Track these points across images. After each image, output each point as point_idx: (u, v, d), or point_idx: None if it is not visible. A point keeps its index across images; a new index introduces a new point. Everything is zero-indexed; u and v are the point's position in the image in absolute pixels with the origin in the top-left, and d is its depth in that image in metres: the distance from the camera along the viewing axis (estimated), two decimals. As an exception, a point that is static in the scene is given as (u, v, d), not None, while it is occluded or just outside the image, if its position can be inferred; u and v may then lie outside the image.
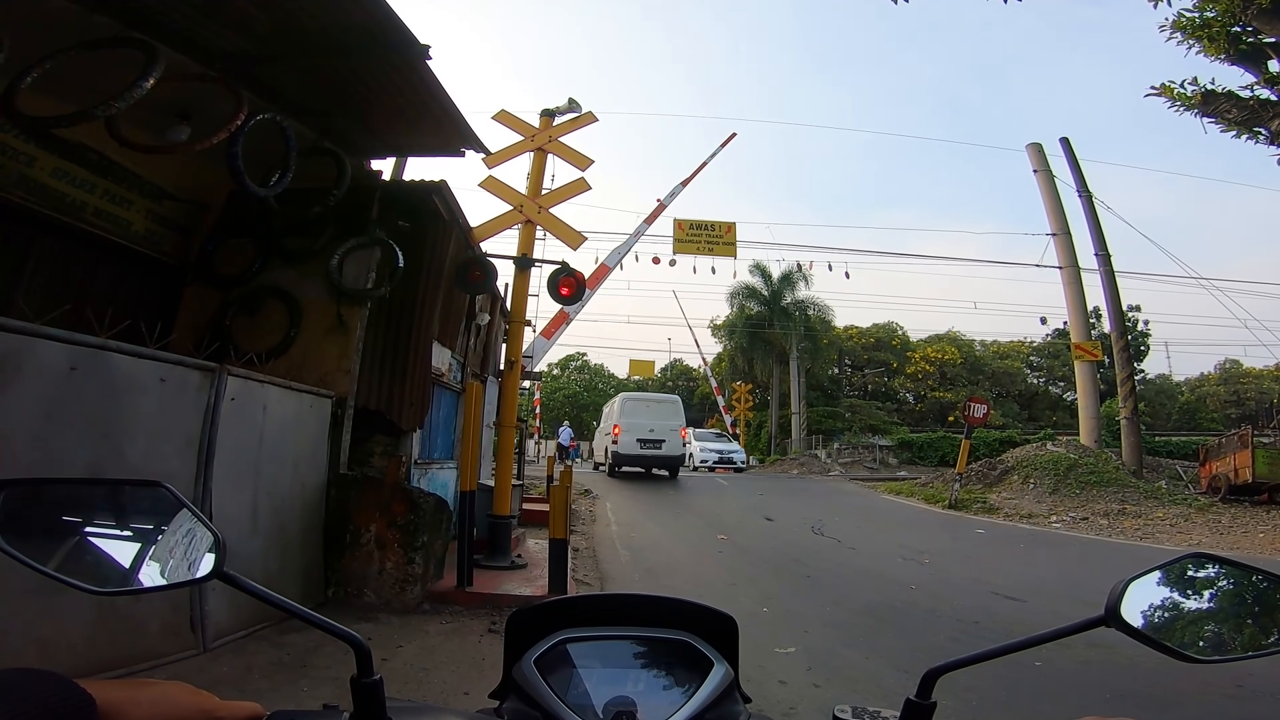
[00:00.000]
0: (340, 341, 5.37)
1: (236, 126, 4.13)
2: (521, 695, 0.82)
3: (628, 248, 16.55)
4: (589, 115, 7.14)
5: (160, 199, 5.38)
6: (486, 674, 3.50)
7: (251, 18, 4.12)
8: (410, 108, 5.16)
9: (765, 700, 3.27)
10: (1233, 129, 10.65)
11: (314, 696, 3.11)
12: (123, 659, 3.18)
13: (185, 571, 0.71)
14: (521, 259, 6.42)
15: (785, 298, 28.83)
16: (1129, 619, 0.69)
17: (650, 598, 0.98)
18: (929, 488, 15.69)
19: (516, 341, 6.46)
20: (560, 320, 12.88)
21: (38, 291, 4.56)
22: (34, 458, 2.96)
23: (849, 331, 34.22)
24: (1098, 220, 17.42)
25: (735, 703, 0.86)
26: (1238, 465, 12.62)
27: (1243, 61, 10.31)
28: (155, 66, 3.61)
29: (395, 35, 4.25)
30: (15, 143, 4.30)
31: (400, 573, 4.73)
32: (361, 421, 5.46)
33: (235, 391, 3.98)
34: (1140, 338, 31.09)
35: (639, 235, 17.27)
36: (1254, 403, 29.95)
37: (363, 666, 0.68)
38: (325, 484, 4.92)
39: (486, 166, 6.52)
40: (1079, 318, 17.87)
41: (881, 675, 3.81)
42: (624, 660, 0.90)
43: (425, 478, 6.33)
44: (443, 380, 6.71)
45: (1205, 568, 0.76)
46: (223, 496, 3.85)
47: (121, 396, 3.36)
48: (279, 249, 5.49)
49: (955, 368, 34.05)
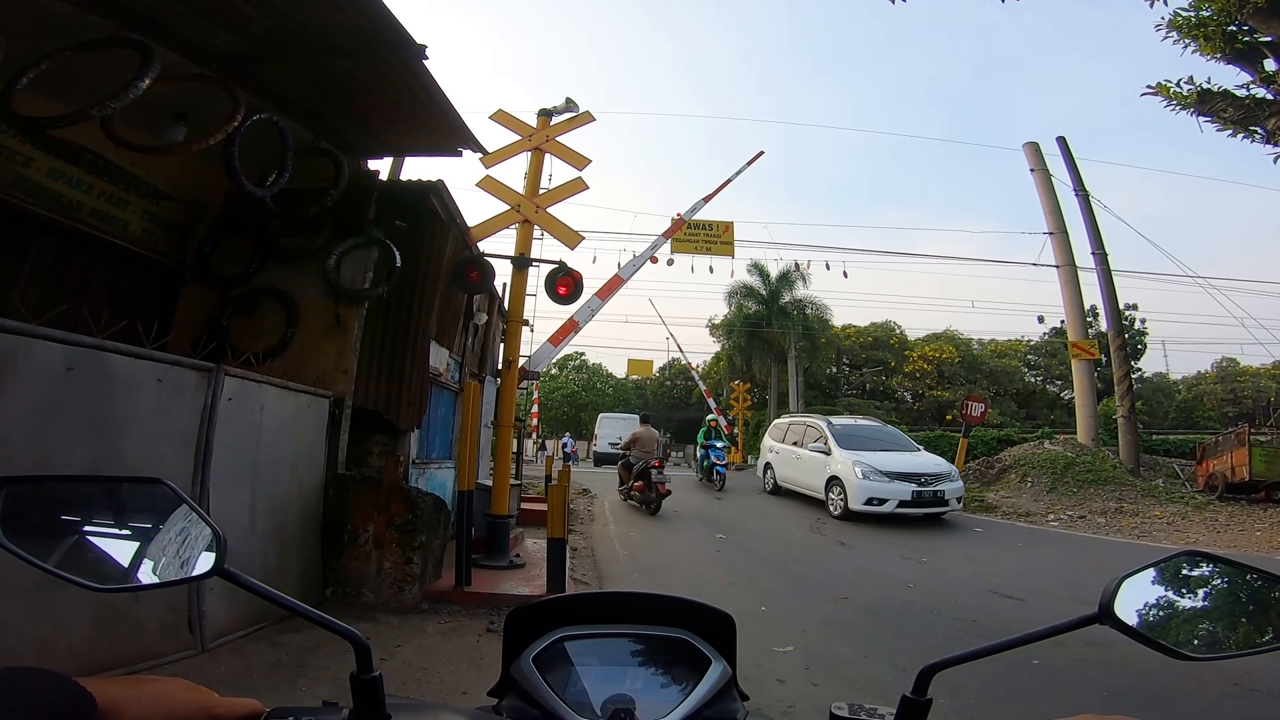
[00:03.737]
0: (338, 341, 5.37)
1: (233, 127, 4.12)
2: (520, 693, 0.83)
3: (643, 259, 16.51)
4: (586, 115, 7.14)
5: (157, 199, 5.37)
6: (485, 673, 3.50)
7: (248, 18, 4.11)
8: (407, 108, 5.16)
9: (763, 698, 3.28)
10: (1229, 128, 10.68)
11: (312, 696, 3.10)
12: (121, 659, 3.17)
13: (186, 568, 0.71)
14: (519, 259, 6.42)
15: (783, 297, 28.85)
16: (1123, 616, 0.70)
17: (648, 596, 0.99)
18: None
19: (514, 341, 6.46)
20: (569, 329, 12.80)
21: (34, 292, 4.54)
22: (31, 458, 2.95)
23: (847, 330, 34.25)
24: (1095, 219, 17.46)
25: (733, 701, 0.87)
26: (1235, 463, 12.65)
27: (1239, 60, 10.34)
28: (151, 67, 3.60)
29: (391, 35, 4.24)
30: (11, 143, 4.29)
31: (398, 572, 4.73)
32: (359, 421, 5.46)
33: (232, 391, 3.98)
34: (1137, 336, 31.18)
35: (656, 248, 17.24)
36: (1251, 401, 30.00)
37: (362, 664, 0.68)
38: (323, 484, 4.92)
39: (484, 166, 6.52)
40: (1076, 316, 17.90)
41: (879, 674, 3.82)
42: (622, 658, 0.90)
43: (423, 477, 6.33)
44: (440, 380, 6.70)
45: (1199, 565, 0.76)
46: (220, 496, 3.85)
47: (118, 397, 3.35)
48: (276, 249, 5.48)
49: (953, 366, 34.10)
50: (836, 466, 10.50)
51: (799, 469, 11.97)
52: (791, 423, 13.65)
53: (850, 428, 12.00)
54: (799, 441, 12.30)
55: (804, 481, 11.70)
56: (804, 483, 11.69)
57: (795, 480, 12.13)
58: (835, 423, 12.08)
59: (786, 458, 12.62)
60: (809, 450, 11.64)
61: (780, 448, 13.04)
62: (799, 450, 12.07)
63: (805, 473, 11.66)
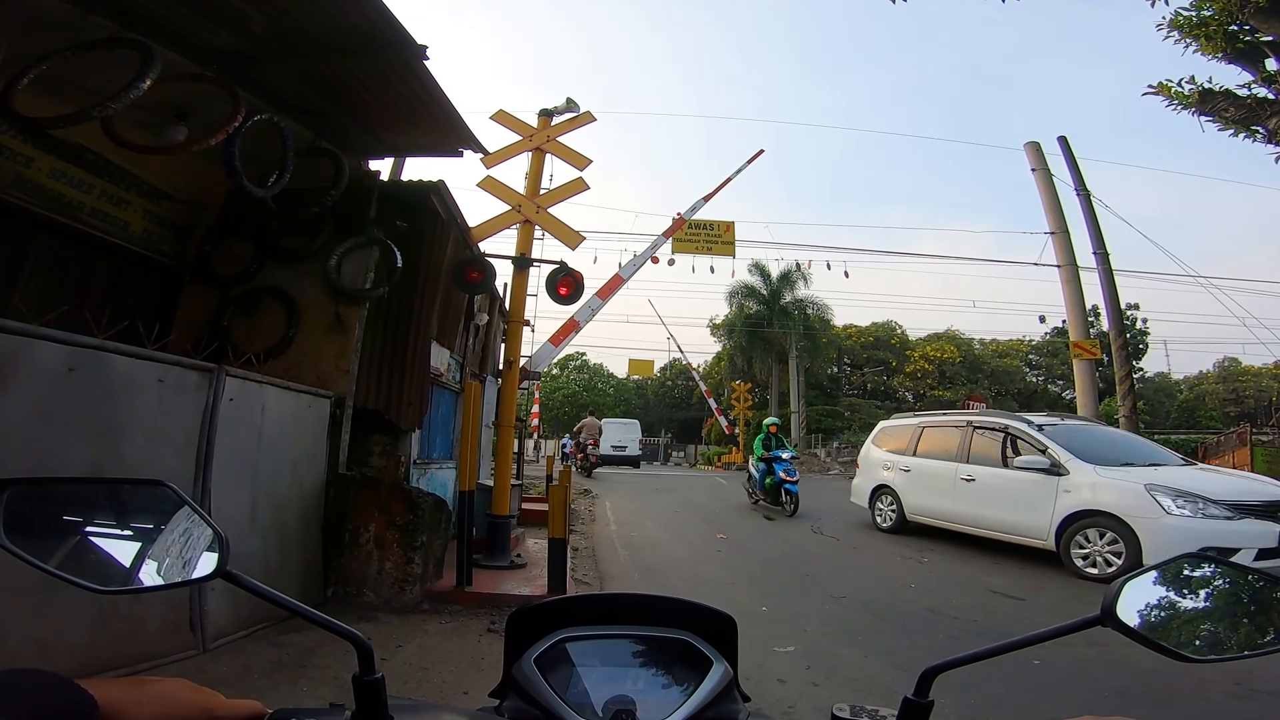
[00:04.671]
0: (339, 341, 5.37)
1: (234, 127, 4.12)
2: (521, 694, 0.83)
3: (644, 259, 16.53)
4: (587, 115, 7.14)
5: (158, 199, 5.38)
6: (486, 673, 3.50)
7: (248, 18, 4.11)
8: (408, 108, 5.16)
9: (764, 699, 3.27)
10: (1230, 127, 10.66)
11: (313, 696, 3.11)
12: (122, 659, 3.18)
13: (188, 570, 0.71)
14: (520, 259, 6.41)
15: (784, 297, 28.92)
16: (1125, 618, 0.70)
17: (649, 597, 0.99)
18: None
19: (515, 341, 6.45)
20: (570, 328, 12.81)
21: (35, 292, 4.55)
22: (32, 459, 2.95)
23: (848, 330, 34.31)
24: (1096, 219, 17.43)
25: (734, 701, 0.87)
26: (1236, 463, 12.68)
27: (1240, 60, 10.32)
28: (152, 67, 3.60)
29: (392, 35, 4.24)
30: (12, 143, 4.30)
31: (399, 572, 4.73)
32: (360, 421, 5.46)
33: (233, 392, 3.98)
34: (1139, 336, 31.18)
35: (656, 247, 17.28)
36: (1253, 401, 30.01)
37: (364, 665, 0.68)
38: (324, 484, 4.92)
39: (485, 166, 6.51)
40: (1078, 316, 17.88)
41: (881, 674, 3.81)
42: (623, 659, 0.90)
43: (424, 477, 6.33)
44: (441, 380, 6.70)
45: (1201, 567, 0.76)
46: (221, 496, 3.85)
47: (119, 397, 3.35)
48: (277, 249, 5.49)
49: (954, 366, 34.13)
50: (1087, 493, 6.68)
51: (975, 497, 7.89)
52: (926, 424, 9.28)
53: (1075, 430, 7.87)
54: (959, 453, 8.31)
55: (989, 518, 7.69)
56: (989, 520, 7.70)
57: (961, 515, 8.07)
58: (1042, 422, 7.89)
59: (932, 478, 8.57)
60: (1004, 468, 7.70)
61: (912, 463, 8.98)
62: (973, 469, 8.01)
63: (993, 504, 7.66)
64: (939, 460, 8.56)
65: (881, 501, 9.39)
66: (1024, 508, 7.21)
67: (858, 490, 10.12)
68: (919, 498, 8.71)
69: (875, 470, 9.64)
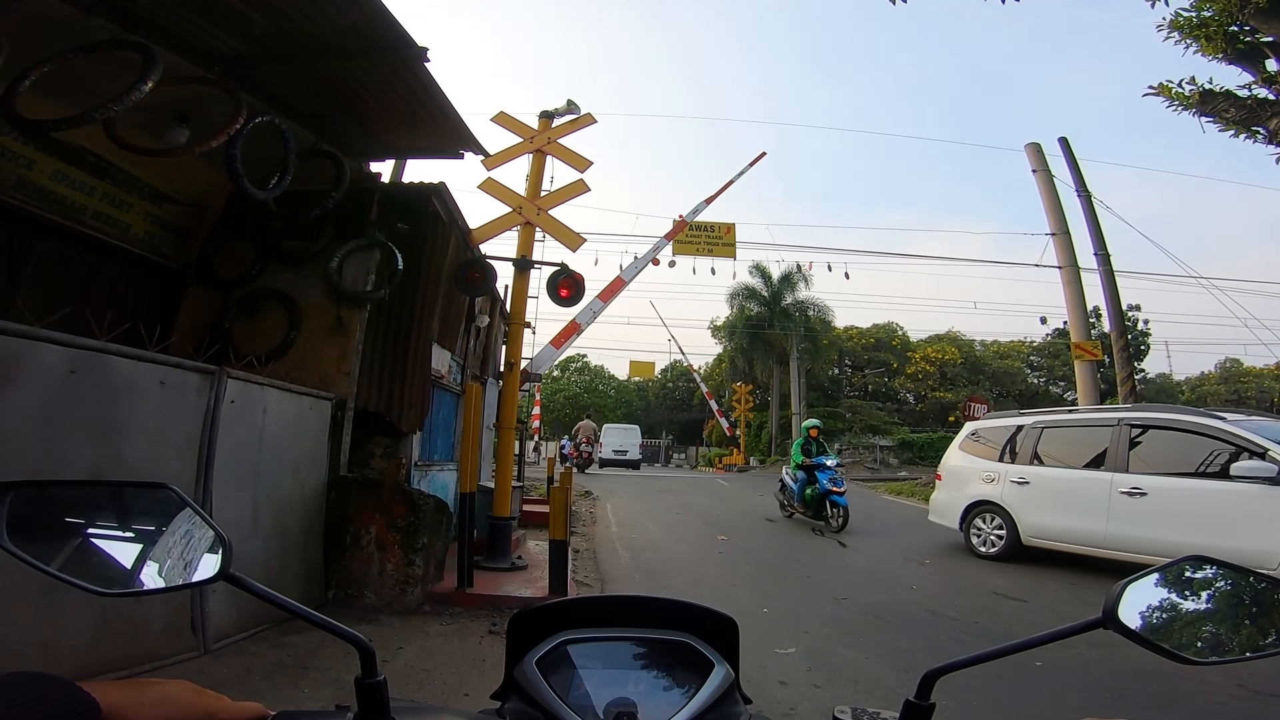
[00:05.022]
0: (340, 343, 5.38)
1: (235, 129, 4.14)
2: (523, 696, 0.83)
3: (645, 261, 16.51)
4: (588, 117, 7.15)
5: (159, 201, 5.39)
6: (487, 675, 3.50)
7: (249, 20, 4.12)
8: (409, 110, 5.17)
9: (765, 701, 3.27)
10: (1231, 128, 10.65)
11: (315, 698, 3.11)
12: (124, 660, 3.18)
13: (190, 573, 0.71)
14: (521, 261, 6.42)
15: (785, 298, 28.89)
16: (1127, 621, 0.70)
17: (650, 599, 0.99)
18: (930, 488, 15.64)
19: (516, 343, 6.46)
20: (571, 330, 12.81)
21: (37, 294, 4.56)
22: (34, 461, 2.96)
23: (849, 332, 34.25)
24: (1097, 220, 17.40)
25: (735, 703, 0.87)
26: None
27: (1240, 60, 10.32)
28: (153, 69, 3.61)
29: (392, 36, 4.25)
30: (14, 145, 4.31)
31: (400, 574, 4.73)
32: (361, 423, 5.47)
33: (235, 394, 3.99)
34: (1140, 337, 31.13)
35: (658, 249, 17.26)
36: (1255, 402, 29.92)
37: (367, 667, 0.68)
38: (325, 486, 4.92)
39: (485, 168, 6.52)
40: (1079, 317, 17.85)
41: (882, 676, 3.81)
42: (625, 661, 0.90)
43: (425, 479, 6.33)
44: (442, 382, 6.71)
45: (1203, 569, 0.76)
46: (223, 498, 3.85)
47: (121, 399, 3.36)
48: (278, 251, 5.50)
49: (955, 368, 34.08)
50: None
51: (1147, 516, 6.08)
52: (1047, 424, 7.45)
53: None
54: (1112, 460, 6.55)
55: (1174, 543, 5.59)
56: (1174, 545, 5.47)
57: (1122, 539, 6.22)
58: (1236, 418, 6.15)
59: (1070, 492, 6.84)
60: (1197, 479, 5.91)
61: (1032, 472, 7.26)
62: (1142, 480, 6.22)
63: (1181, 524, 5.82)
64: (1078, 470, 6.87)
65: (983, 521, 7.55)
66: (1240, 528, 5.43)
67: (942, 508, 8.25)
68: (1045, 516, 6.96)
69: (970, 482, 7.81)
